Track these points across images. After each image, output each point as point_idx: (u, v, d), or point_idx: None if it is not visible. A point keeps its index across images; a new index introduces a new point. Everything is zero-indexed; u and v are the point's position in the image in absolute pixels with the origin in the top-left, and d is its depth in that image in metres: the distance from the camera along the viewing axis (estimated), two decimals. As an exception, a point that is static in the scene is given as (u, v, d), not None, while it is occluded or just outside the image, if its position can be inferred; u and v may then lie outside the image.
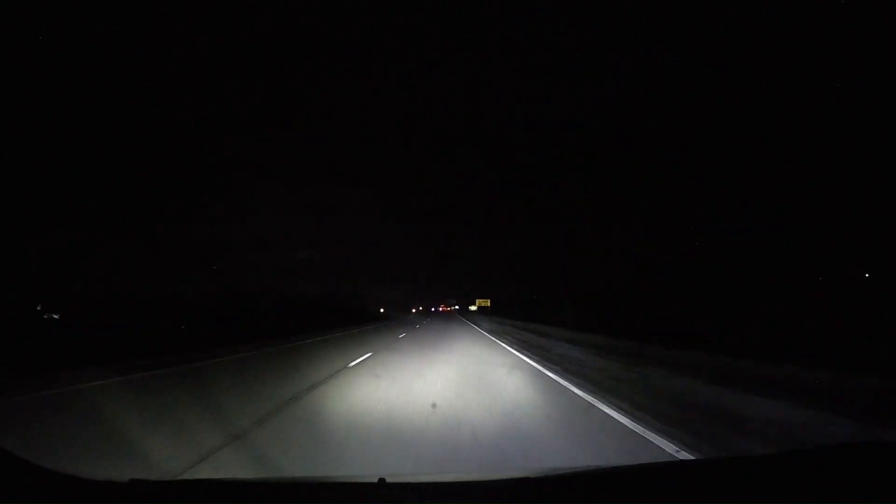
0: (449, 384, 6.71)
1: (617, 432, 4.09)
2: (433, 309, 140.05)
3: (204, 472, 3.17)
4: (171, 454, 3.51)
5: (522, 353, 11.13)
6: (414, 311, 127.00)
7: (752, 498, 1.34)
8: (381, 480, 1.37)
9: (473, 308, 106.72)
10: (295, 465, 3.40)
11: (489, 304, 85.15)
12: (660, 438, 3.80)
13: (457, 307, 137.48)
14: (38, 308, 15.54)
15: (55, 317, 15.73)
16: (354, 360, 10.18)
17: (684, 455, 3.38)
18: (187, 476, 3.03)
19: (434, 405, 5.30)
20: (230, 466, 3.31)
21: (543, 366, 8.70)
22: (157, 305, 18.74)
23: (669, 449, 3.55)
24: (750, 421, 4.24)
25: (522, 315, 35.65)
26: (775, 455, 1.80)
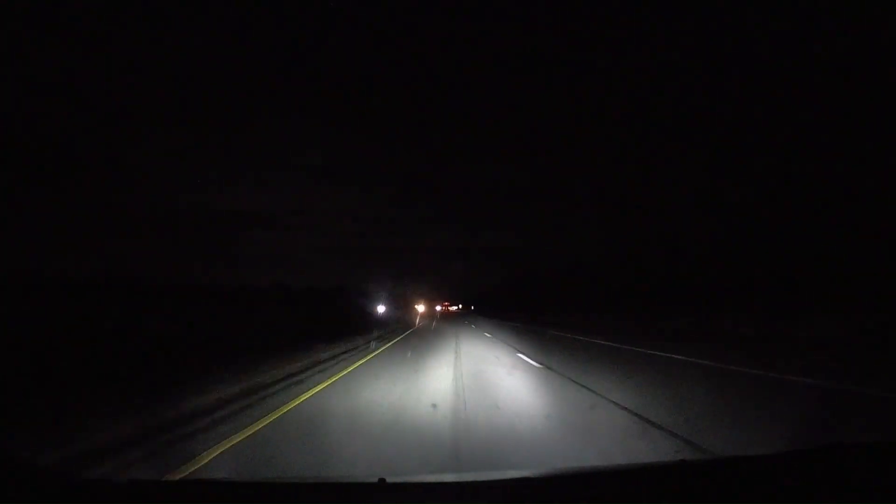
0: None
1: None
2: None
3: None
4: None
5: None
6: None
7: (753, 498, 1.37)
8: (382, 480, 1.38)
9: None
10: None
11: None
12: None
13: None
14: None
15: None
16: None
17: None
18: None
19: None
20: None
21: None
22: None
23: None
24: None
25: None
26: (776, 455, 1.88)
